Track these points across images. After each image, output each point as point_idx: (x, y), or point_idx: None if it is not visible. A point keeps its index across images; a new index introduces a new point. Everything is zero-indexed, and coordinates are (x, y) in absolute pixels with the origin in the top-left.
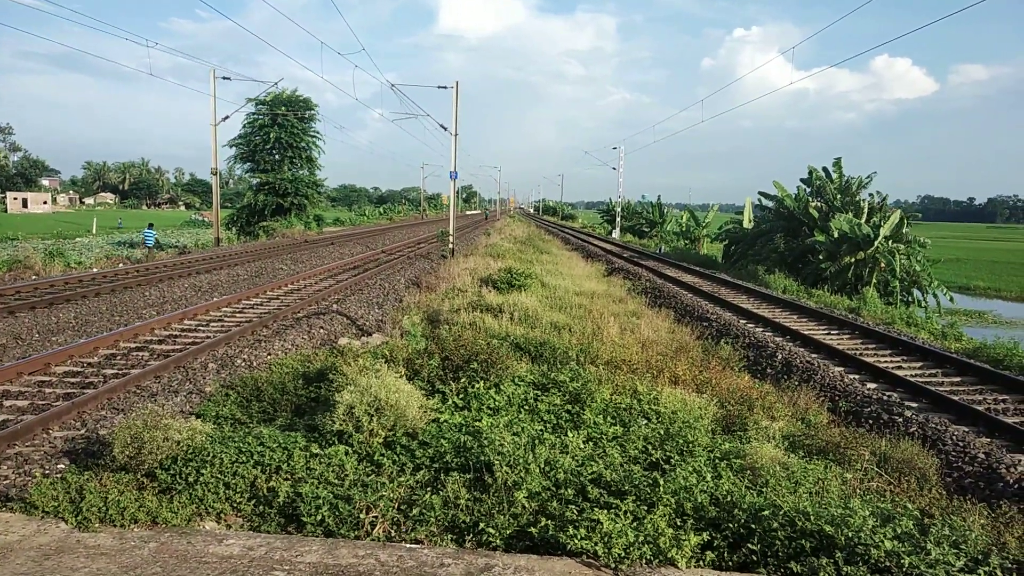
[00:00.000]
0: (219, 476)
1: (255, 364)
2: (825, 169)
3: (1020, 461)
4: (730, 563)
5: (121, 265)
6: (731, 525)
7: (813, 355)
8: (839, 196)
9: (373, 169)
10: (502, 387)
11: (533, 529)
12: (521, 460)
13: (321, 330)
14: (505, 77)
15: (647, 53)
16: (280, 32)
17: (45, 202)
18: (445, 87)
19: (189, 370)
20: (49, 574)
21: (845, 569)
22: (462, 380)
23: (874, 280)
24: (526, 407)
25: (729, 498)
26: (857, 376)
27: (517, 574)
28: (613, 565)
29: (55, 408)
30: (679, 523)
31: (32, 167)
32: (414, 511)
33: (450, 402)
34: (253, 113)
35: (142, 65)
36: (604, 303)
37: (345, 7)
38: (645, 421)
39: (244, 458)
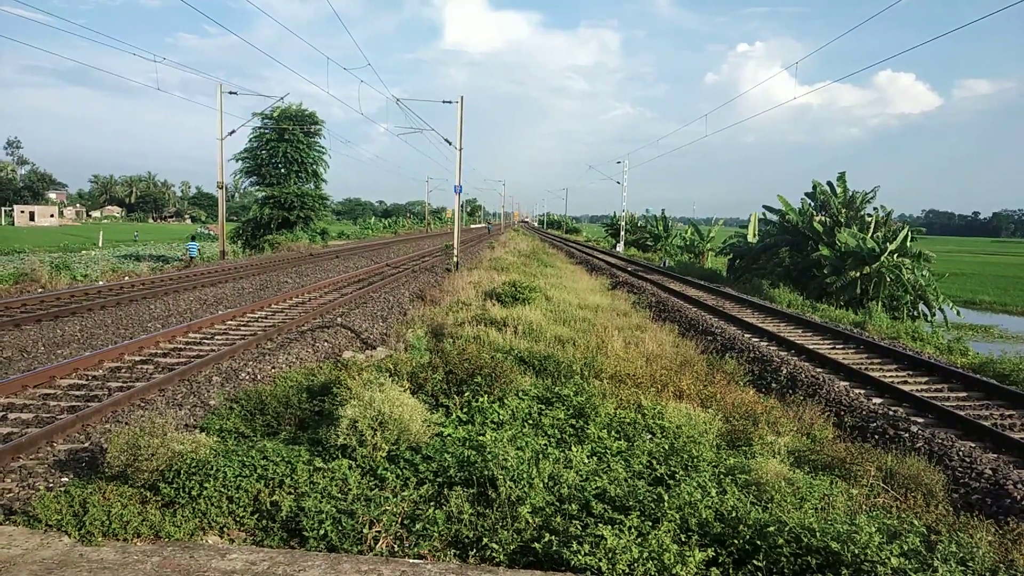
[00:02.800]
0: (222, 490)
1: (259, 377)
2: (829, 183)
3: None
4: None
5: (127, 278)
6: (736, 541)
7: (818, 369)
8: (844, 210)
9: (378, 183)
10: (506, 401)
11: (537, 545)
12: (525, 475)
13: (325, 343)
14: (509, 92)
15: (650, 68)
16: (286, 47)
17: (52, 215)
18: (450, 102)
19: (194, 383)
20: None
21: None
22: (466, 394)
23: (880, 294)
24: (530, 421)
25: (734, 514)
26: (863, 391)
27: None
28: None
29: (59, 421)
30: (684, 539)
31: (39, 180)
32: (417, 526)
33: (454, 416)
34: (259, 127)
35: (149, 80)
36: (608, 317)
37: (350, 22)
38: (649, 436)
39: (247, 472)
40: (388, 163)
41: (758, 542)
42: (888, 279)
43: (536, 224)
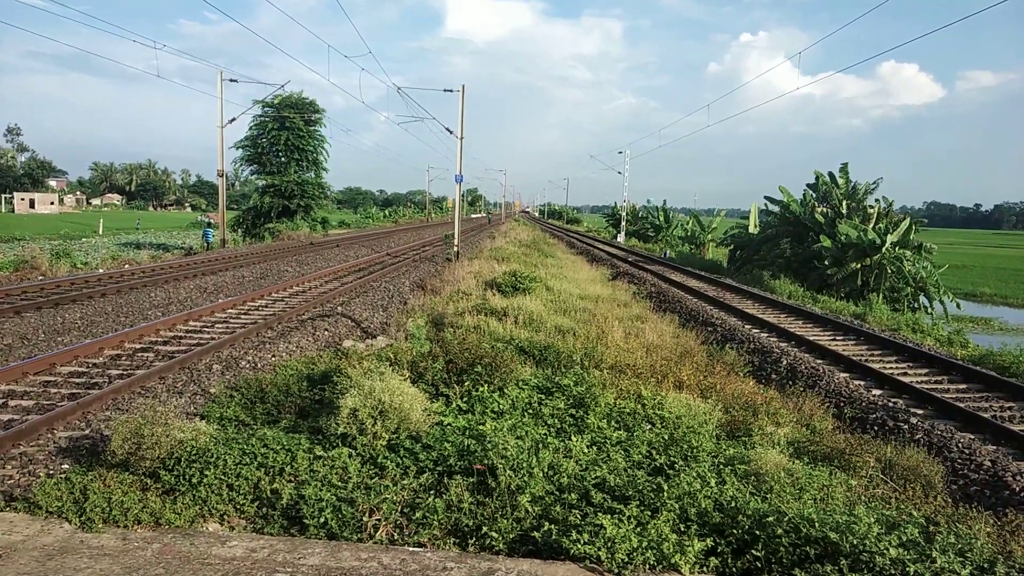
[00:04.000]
0: (223, 478)
1: (260, 366)
2: (831, 174)
3: None
4: (734, 569)
5: (127, 266)
6: (735, 531)
7: (818, 361)
8: (845, 202)
9: (379, 172)
10: (506, 391)
11: (536, 533)
12: (524, 464)
13: (326, 332)
14: (511, 81)
15: (653, 58)
16: (287, 35)
17: (52, 203)
18: (451, 91)
19: (194, 371)
20: (52, 574)
21: None
22: (466, 383)
23: (881, 286)
24: (530, 411)
25: (733, 504)
26: (862, 382)
27: None
28: (616, 570)
29: (60, 408)
30: (683, 529)
31: (39, 168)
32: (417, 514)
33: (454, 405)
34: (260, 115)
35: (149, 67)
36: (608, 307)
37: (352, 10)
38: (649, 426)
39: (248, 460)
40: (389, 152)
41: (757, 532)
42: (889, 271)
43: (537, 214)
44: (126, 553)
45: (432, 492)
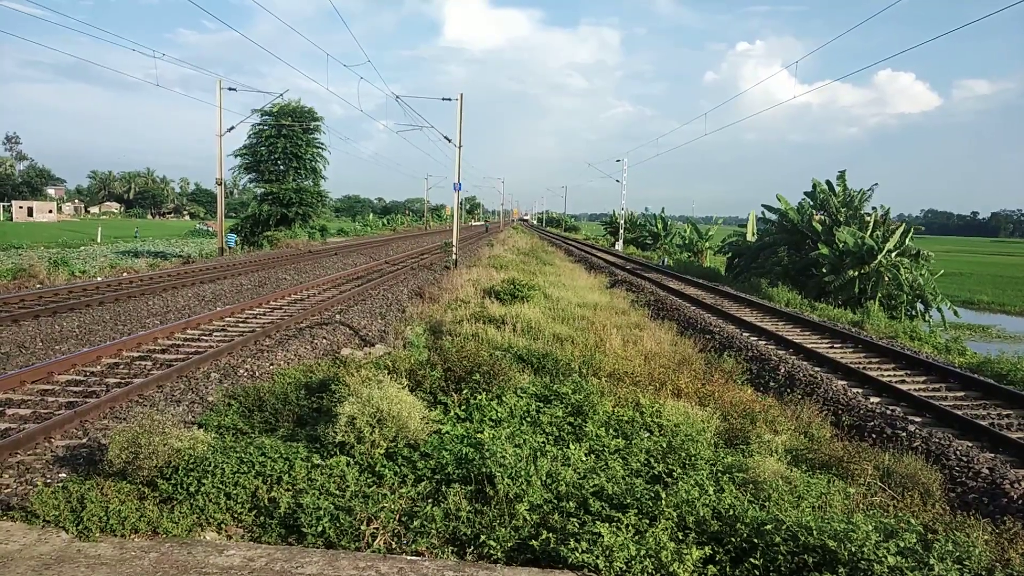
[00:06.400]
0: (220, 486)
1: (258, 374)
2: (829, 182)
3: None
4: None
5: (125, 275)
6: (733, 539)
7: (816, 368)
8: (843, 209)
9: (377, 180)
10: (504, 399)
11: (534, 542)
12: (523, 472)
13: (324, 340)
14: (509, 89)
15: (650, 66)
16: (285, 44)
17: (50, 211)
18: (449, 99)
19: (192, 379)
20: None
21: None
22: (464, 391)
23: (879, 294)
24: (528, 419)
25: (731, 512)
26: (860, 390)
27: None
28: None
29: (57, 417)
30: (681, 537)
31: (38, 176)
32: (415, 523)
33: (452, 413)
34: (258, 124)
35: (148, 75)
36: (607, 315)
37: (350, 18)
38: (647, 434)
39: (245, 468)
40: (387, 160)
41: (755, 540)
42: (886, 278)
43: (535, 222)
44: (123, 562)
45: (430, 500)
